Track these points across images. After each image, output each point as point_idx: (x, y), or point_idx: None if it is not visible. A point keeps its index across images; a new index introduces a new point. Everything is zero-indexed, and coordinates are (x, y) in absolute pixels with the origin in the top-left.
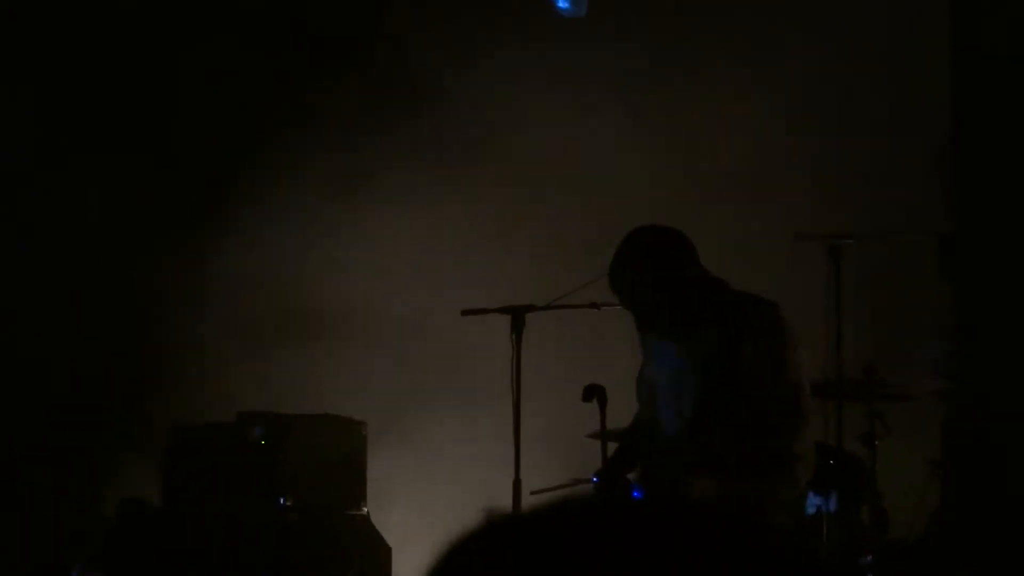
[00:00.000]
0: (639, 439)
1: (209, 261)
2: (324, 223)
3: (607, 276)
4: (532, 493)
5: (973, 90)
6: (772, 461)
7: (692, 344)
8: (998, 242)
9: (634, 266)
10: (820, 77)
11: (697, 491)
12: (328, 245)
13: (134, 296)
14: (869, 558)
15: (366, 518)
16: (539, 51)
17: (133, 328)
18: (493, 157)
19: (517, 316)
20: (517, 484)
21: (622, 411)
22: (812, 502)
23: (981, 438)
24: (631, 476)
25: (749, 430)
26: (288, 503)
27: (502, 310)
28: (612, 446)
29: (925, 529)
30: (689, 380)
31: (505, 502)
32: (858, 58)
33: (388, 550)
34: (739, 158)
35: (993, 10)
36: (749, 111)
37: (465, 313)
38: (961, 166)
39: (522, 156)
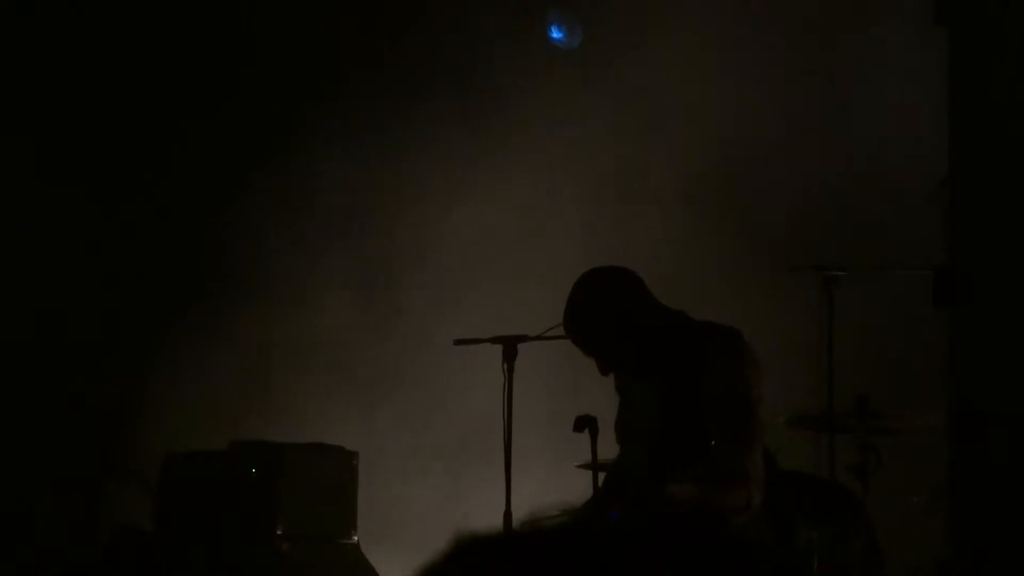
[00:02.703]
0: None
1: (204, 289)
2: (317, 251)
3: (562, 326)
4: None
5: (970, 123)
6: (723, 479)
7: (654, 380)
8: (994, 275)
9: (586, 317)
10: (816, 108)
11: (671, 492)
12: (321, 274)
13: (127, 323)
14: None
15: (356, 547)
16: (533, 79)
17: (126, 355)
18: (486, 187)
19: (509, 346)
20: (508, 515)
21: (614, 442)
22: (804, 535)
23: (975, 469)
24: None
25: (702, 449)
26: (279, 532)
27: (494, 340)
28: (604, 477)
29: (919, 563)
30: (652, 416)
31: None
32: (855, 89)
33: None
34: (733, 189)
35: (991, 43)
36: (744, 141)
37: (457, 343)
38: (957, 199)
39: (515, 186)
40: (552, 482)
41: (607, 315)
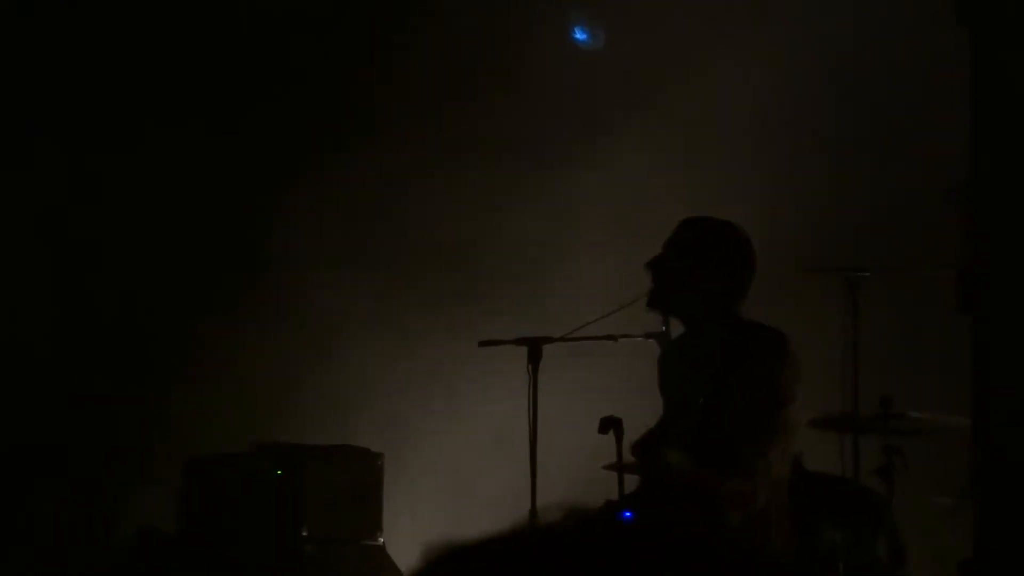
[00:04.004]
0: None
1: (227, 291)
2: (342, 254)
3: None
4: None
5: (993, 124)
6: (730, 468)
7: (699, 374)
8: (1017, 277)
9: (702, 234)
10: (839, 110)
11: (672, 458)
12: (346, 276)
13: (150, 325)
14: None
15: (382, 549)
16: (553, 83)
17: (149, 357)
18: (509, 189)
19: (534, 348)
20: (533, 516)
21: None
22: (828, 536)
23: (998, 471)
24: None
25: (718, 431)
26: (304, 534)
27: (519, 341)
28: (628, 478)
29: (943, 565)
30: (689, 405)
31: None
32: (878, 92)
33: None
34: (755, 191)
35: (1013, 45)
36: (766, 143)
37: (482, 344)
38: (980, 200)
39: (541, 189)
40: (577, 483)
41: (716, 250)
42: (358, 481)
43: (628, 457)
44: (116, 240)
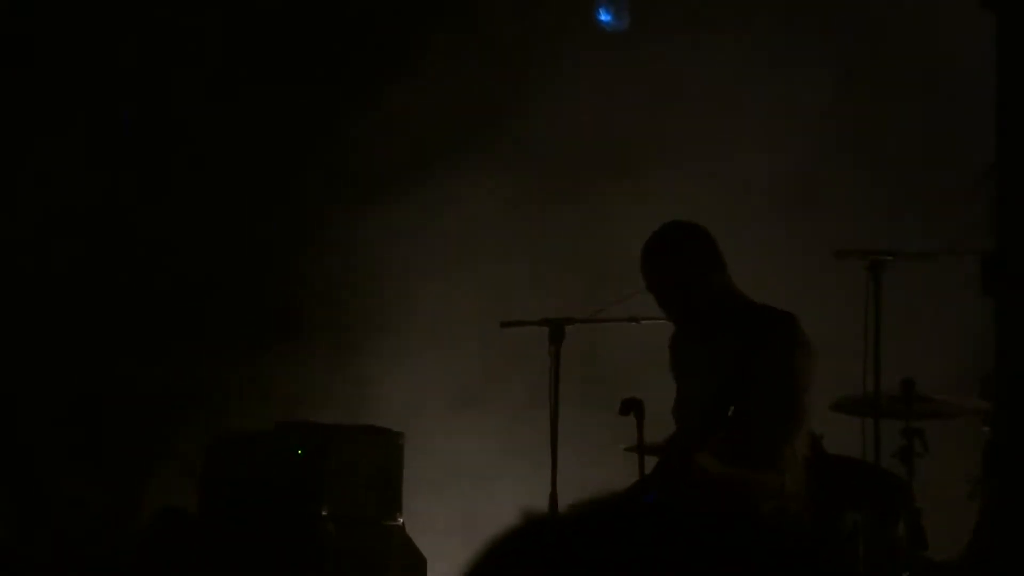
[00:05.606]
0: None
1: (247, 270)
2: (365, 232)
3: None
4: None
5: (1018, 108)
6: (759, 461)
7: (712, 357)
8: None
9: (661, 261)
10: (864, 93)
11: (701, 462)
12: (369, 255)
13: (172, 305)
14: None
15: (401, 529)
16: (585, 63)
17: (172, 337)
18: (537, 168)
19: (556, 328)
20: (553, 497)
21: (660, 425)
22: (849, 518)
23: (1020, 457)
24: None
25: (745, 429)
26: (325, 513)
27: (541, 322)
28: (649, 459)
29: (963, 547)
30: (705, 398)
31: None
32: (902, 75)
33: (423, 561)
34: (780, 174)
35: None
36: (791, 127)
37: (504, 325)
38: (1005, 184)
39: (566, 168)
40: (598, 465)
41: (690, 258)
42: (379, 461)
43: (648, 438)
44: (145, 221)
